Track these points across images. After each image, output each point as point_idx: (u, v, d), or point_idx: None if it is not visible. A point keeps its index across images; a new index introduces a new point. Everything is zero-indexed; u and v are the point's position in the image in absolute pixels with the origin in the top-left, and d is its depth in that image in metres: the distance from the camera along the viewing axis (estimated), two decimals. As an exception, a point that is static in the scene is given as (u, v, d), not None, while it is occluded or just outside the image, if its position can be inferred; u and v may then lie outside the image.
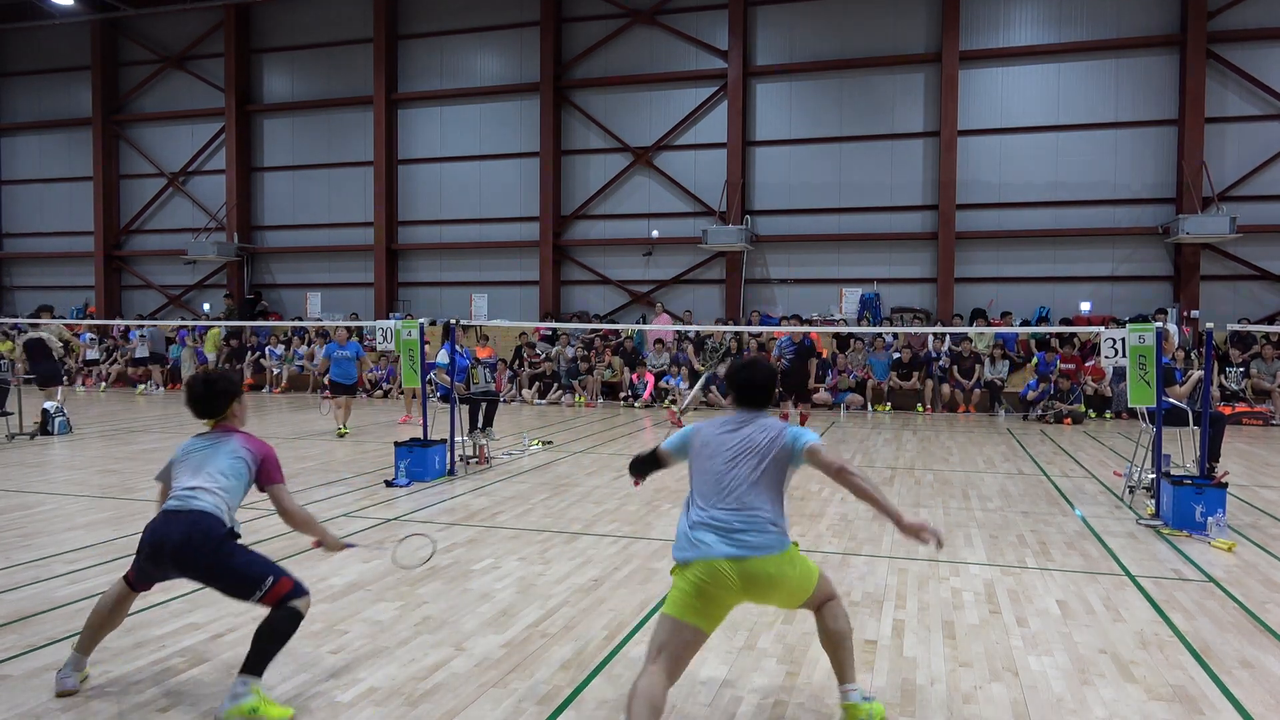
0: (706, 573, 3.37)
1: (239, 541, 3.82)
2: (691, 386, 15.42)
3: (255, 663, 3.58)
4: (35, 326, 14.44)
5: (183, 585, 5.41)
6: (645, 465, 4.08)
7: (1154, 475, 7.61)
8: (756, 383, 3.77)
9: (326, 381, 13.83)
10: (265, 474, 3.97)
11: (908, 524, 3.51)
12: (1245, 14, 17.73)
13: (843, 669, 3.69)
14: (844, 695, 3.66)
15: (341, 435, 12.78)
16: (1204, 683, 4.08)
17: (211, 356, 21.60)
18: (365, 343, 18.63)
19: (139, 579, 3.91)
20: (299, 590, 3.74)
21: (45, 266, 26.74)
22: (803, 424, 13.57)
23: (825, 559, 6.14)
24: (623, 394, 18.23)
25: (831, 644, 3.67)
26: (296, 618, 3.70)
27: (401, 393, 18.75)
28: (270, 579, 3.69)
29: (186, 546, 3.67)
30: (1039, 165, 18.97)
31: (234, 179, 24.01)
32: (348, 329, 14.73)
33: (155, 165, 25.22)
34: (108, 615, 3.93)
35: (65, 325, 20.44)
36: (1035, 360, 17.04)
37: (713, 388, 17.53)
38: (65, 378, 15.46)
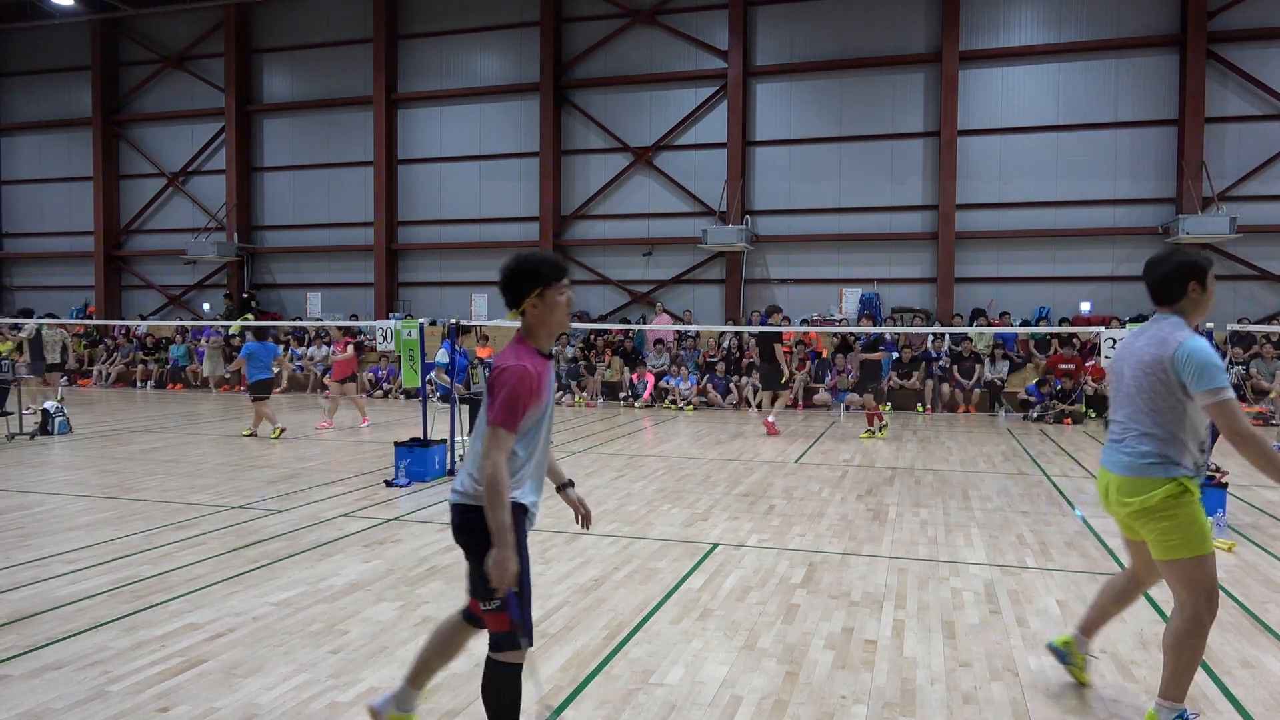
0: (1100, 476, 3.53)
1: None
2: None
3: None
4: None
5: (183, 585, 5.42)
6: None
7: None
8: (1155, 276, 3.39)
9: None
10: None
11: None
12: (1245, 14, 17.73)
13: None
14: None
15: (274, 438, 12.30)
16: (1204, 683, 4.07)
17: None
18: (366, 342, 18.63)
19: None
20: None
21: (45, 266, 26.74)
22: (870, 420, 13.50)
23: (825, 559, 6.14)
24: (623, 394, 18.23)
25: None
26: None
27: (403, 392, 18.81)
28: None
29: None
30: (1039, 165, 18.96)
31: (234, 179, 24.01)
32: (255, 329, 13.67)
33: (155, 165, 25.22)
34: None
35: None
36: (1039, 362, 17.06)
37: (710, 385, 17.53)
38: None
